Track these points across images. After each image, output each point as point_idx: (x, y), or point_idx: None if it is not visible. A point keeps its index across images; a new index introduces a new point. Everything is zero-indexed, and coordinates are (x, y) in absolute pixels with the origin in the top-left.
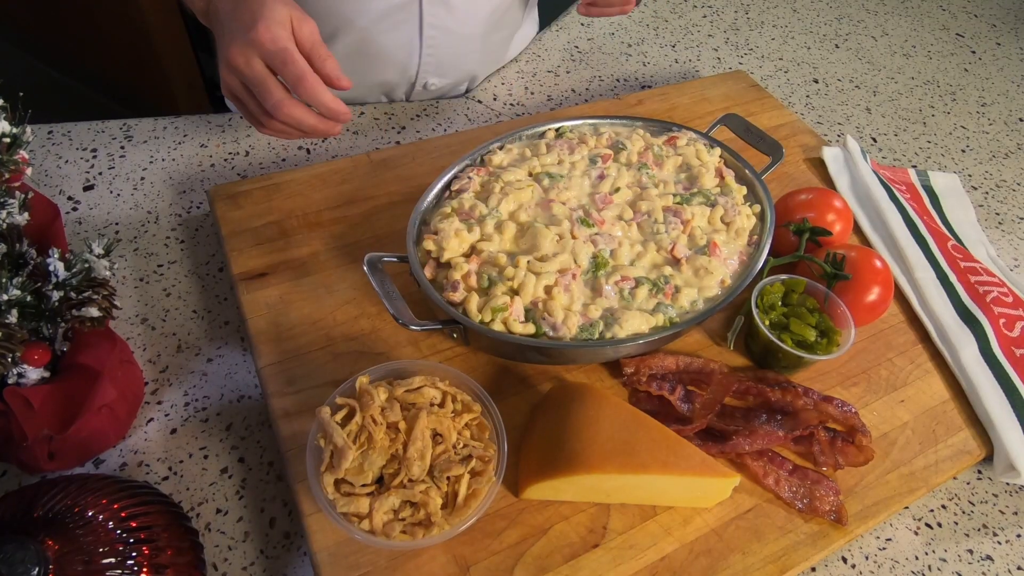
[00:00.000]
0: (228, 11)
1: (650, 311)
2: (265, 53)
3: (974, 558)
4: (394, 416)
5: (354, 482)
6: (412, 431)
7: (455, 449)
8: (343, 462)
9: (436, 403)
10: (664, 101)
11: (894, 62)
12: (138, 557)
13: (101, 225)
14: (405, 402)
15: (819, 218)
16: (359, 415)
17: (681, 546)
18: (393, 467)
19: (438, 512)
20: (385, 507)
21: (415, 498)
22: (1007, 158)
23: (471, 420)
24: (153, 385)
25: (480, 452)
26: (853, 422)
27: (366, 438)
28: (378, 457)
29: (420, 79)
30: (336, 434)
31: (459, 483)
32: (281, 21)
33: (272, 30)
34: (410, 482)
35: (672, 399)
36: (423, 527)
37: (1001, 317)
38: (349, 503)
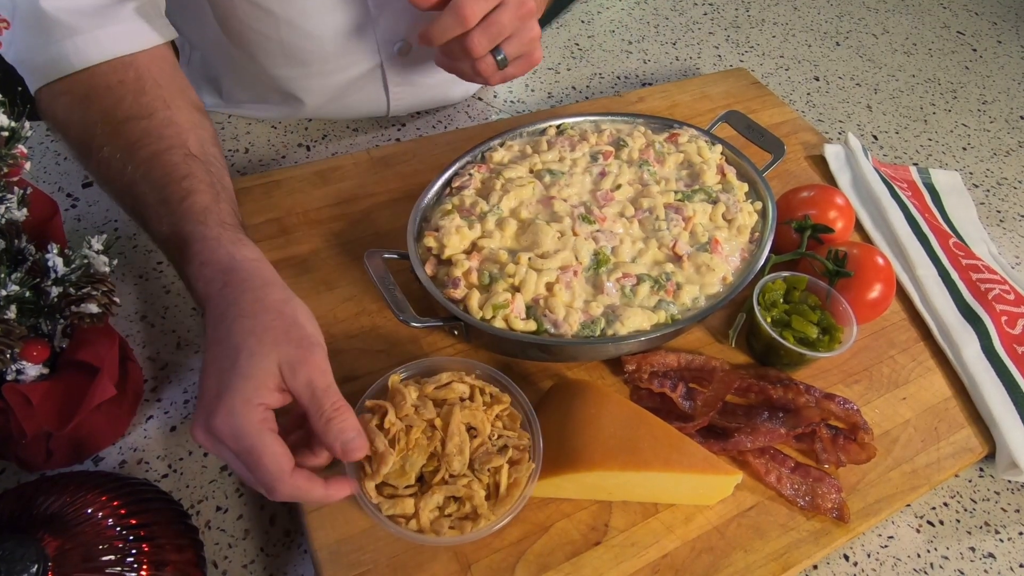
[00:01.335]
0: (210, 342)
1: (652, 308)
2: (228, 448)
3: (976, 556)
4: (429, 414)
5: (396, 484)
6: (448, 427)
7: (491, 441)
8: (383, 467)
9: (466, 397)
10: (665, 98)
11: (895, 60)
12: (138, 555)
13: (100, 223)
14: (436, 399)
15: (821, 215)
16: (392, 415)
17: (683, 544)
18: (433, 465)
19: (484, 504)
20: (431, 505)
21: (459, 493)
22: (1008, 156)
23: (502, 411)
24: (152, 382)
25: (515, 441)
26: (855, 419)
27: (405, 440)
28: (418, 457)
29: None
30: (377, 439)
31: (499, 473)
32: (251, 398)
33: (233, 421)
34: (451, 478)
35: (674, 396)
36: (470, 520)
37: (1003, 314)
38: (394, 505)
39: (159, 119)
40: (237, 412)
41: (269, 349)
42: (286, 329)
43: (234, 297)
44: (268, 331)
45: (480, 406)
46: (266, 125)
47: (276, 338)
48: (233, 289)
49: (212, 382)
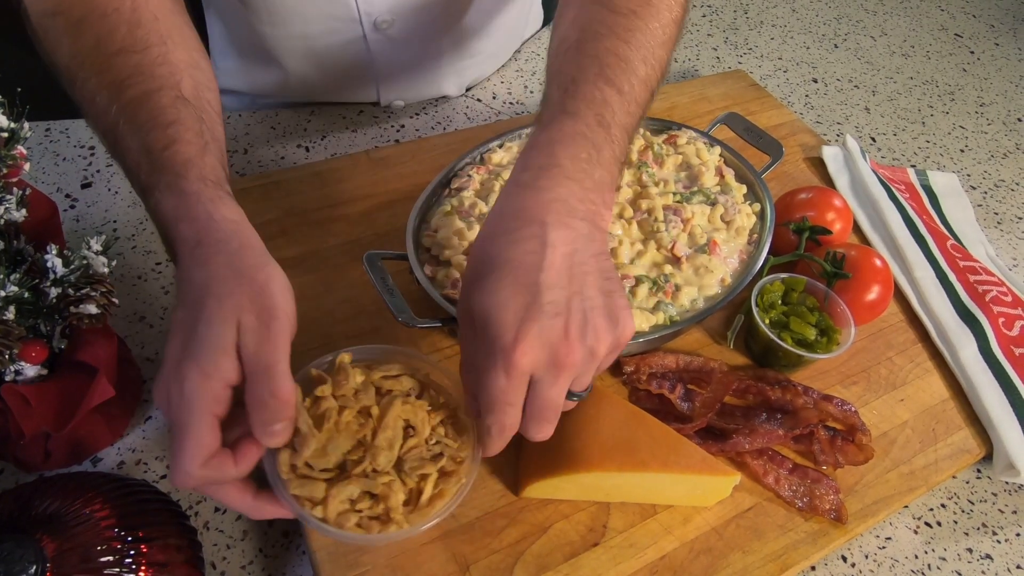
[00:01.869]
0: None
1: (650, 309)
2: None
3: (973, 557)
4: (367, 400)
5: (314, 464)
6: (384, 418)
7: (427, 444)
8: (304, 449)
9: (414, 393)
10: (663, 100)
11: (893, 62)
12: (136, 556)
13: (99, 223)
14: (381, 388)
15: (819, 217)
16: (329, 391)
17: (681, 545)
18: (358, 454)
19: (399, 508)
20: (343, 495)
21: (376, 489)
22: (1005, 158)
23: (447, 417)
24: (151, 383)
25: (453, 451)
26: (853, 421)
27: (334, 420)
28: (344, 441)
29: (383, 99)
30: (301, 419)
31: (426, 481)
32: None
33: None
34: (374, 472)
35: (672, 398)
36: (380, 522)
37: (1000, 316)
38: (304, 485)
39: (153, 55)
40: (190, 382)
41: (229, 315)
42: (252, 297)
43: (205, 258)
44: (232, 296)
45: (425, 406)
46: (265, 126)
47: (239, 304)
48: (205, 250)
49: (175, 347)
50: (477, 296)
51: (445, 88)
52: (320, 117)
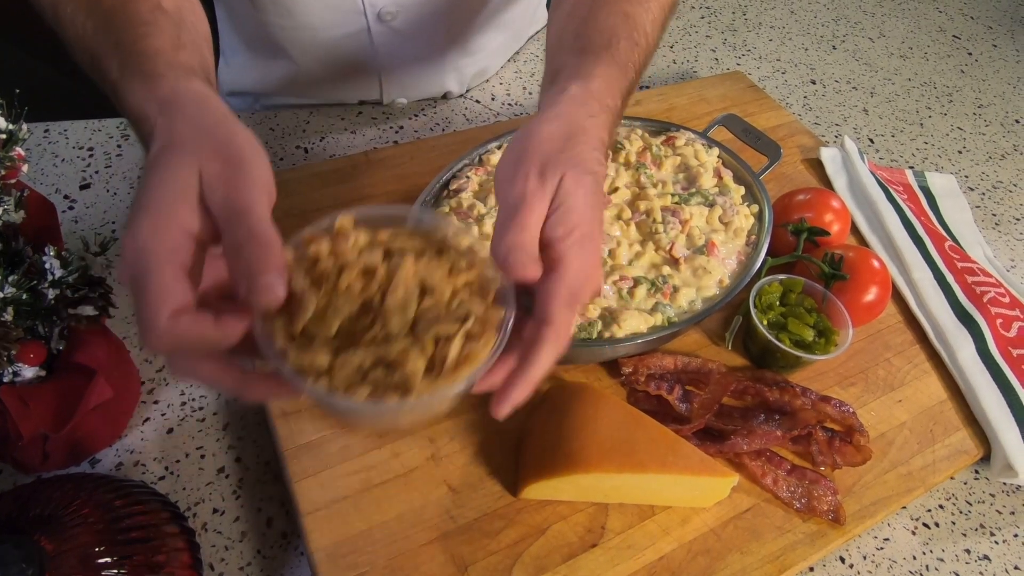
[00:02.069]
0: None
1: (648, 311)
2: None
3: (971, 558)
4: (374, 259)
5: (314, 332)
6: (394, 278)
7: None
8: (301, 312)
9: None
10: (662, 101)
11: (891, 63)
12: (134, 557)
13: (98, 224)
14: (391, 248)
15: (817, 218)
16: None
17: (679, 546)
18: (366, 319)
19: (419, 374)
20: (352, 364)
21: (391, 355)
22: (1003, 159)
23: (472, 279)
24: (149, 384)
25: (481, 313)
26: (851, 422)
27: (334, 281)
28: (346, 304)
29: (386, 97)
30: (296, 279)
31: (449, 345)
32: (165, 218)
33: (139, 239)
34: (385, 339)
35: (670, 399)
36: (398, 391)
37: (998, 317)
38: (304, 353)
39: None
40: (144, 230)
41: (190, 160)
42: (215, 147)
43: (168, 124)
44: (191, 147)
45: (444, 266)
46: (264, 127)
47: (199, 150)
48: (168, 118)
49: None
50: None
51: (448, 84)
52: (319, 118)
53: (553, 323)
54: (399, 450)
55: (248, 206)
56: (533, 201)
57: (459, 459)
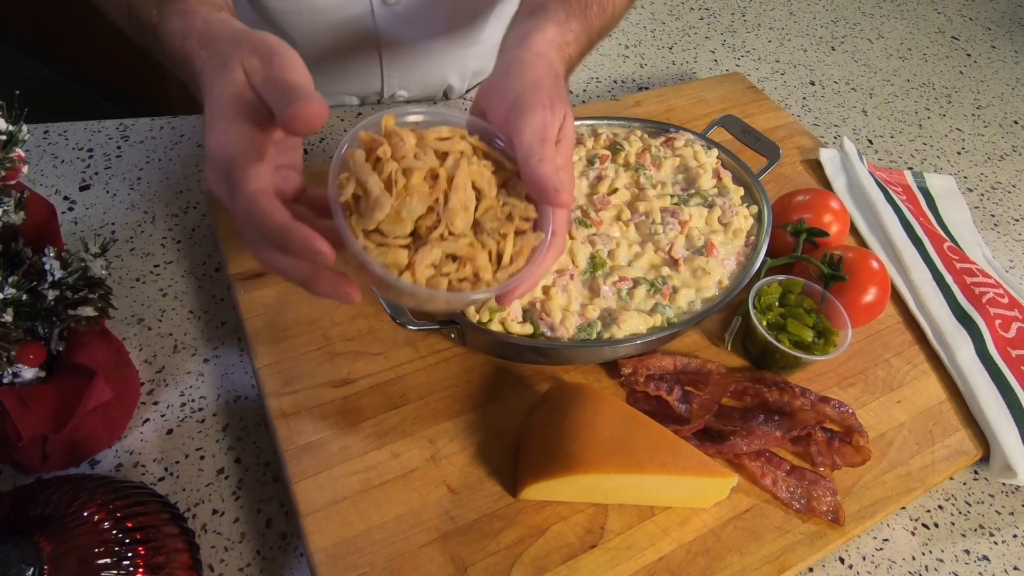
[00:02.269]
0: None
1: (648, 311)
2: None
3: (971, 558)
4: (431, 162)
5: (388, 232)
6: (453, 180)
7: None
8: (377, 212)
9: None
10: (661, 102)
11: (890, 64)
12: (134, 558)
13: (97, 225)
14: (438, 150)
15: (816, 219)
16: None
17: (679, 546)
18: (431, 219)
19: (488, 267)
20: (428, 260)
21: (461, 252)
22: (1002, 160)
23: (507, 179)
24: (149, 386)
25: (522, 211)
26: (850, 422)
27: (404, 183)
28: (417, 204)
29: (386, 91)
30: (371, 180)
31: (506, 241)
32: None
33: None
34: (451, 235)
35: (670, 399)
36: (470, 283)
37: (997, 318)
38: (384, 254)
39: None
40: (220, 130)
41: (232, 65)
42: (250, 47)
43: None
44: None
45: (489, 166)
46: None
47: (238, 55)
48: (208, 50)
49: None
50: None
51: (449, 77)
52: None
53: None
54: (398, 451)
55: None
56: (552, 133)
57: (458, 460)
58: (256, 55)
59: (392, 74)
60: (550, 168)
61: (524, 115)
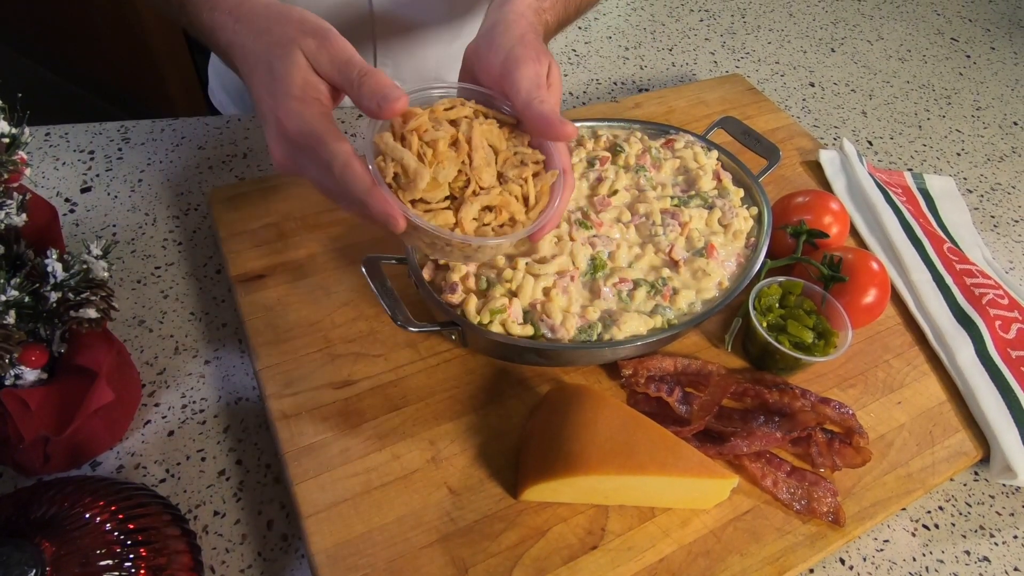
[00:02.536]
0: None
1: (648, 313)
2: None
3: (971, 559)
4: (449, 130)
5: (431, 199)
6: (471, 140)
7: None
8: (420, 182)
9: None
10: (661, 104)
11: (889, 66)
12: (136, 559)
13: (98, 227)
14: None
15: (816, 220)
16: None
17: (679, 548)
18: (461, 180)
19: (521, 209)
20: (470, 214)
21: (495, 201)
22: (1002, 161)
23: (510, 133)
24: (150, 387)
25: (531, 156)
26: (850, 424)
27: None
28: (450, 168)
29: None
30: (406, 156)
31: (528, 184)
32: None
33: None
34: (482, 190)
35: (670, 401)
36: (509, 227)
37: (997, 319)
38: (434, 217)
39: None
40: (295, 111)
41: (291, 48)
42: (300, 27)
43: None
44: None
45: (494, 123)
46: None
47: (292, 37)
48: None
49: (266, 104)
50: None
51: (442, 69)
52: None
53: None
54: (399, 452)
55: (350, 55)
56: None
57: (459, 461)
58: (311, 36)
59: (385, 63)
60: (550, 107)
61: (518, 67)
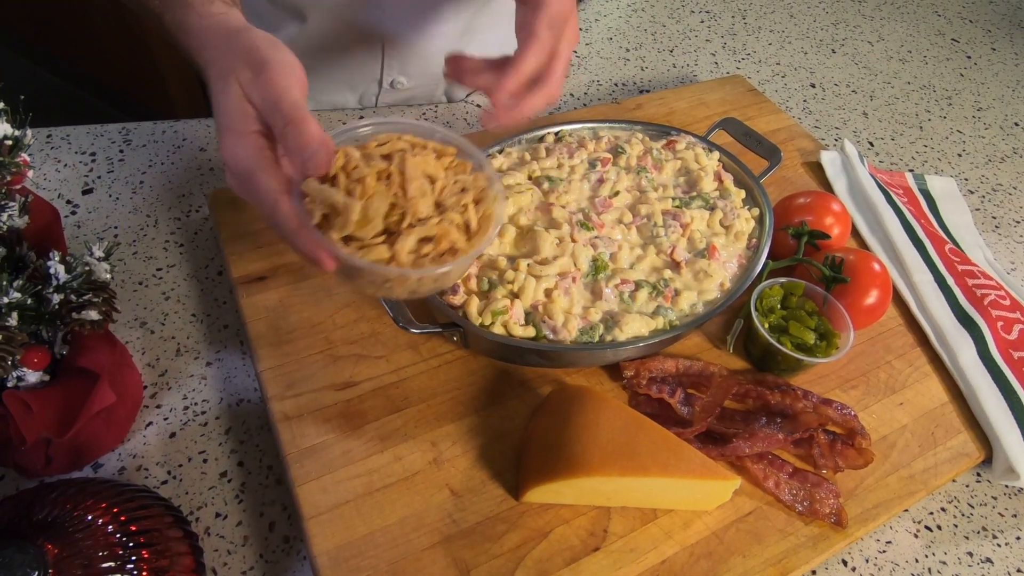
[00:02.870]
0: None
1: (650, 314)
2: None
3: (974, 561)
4: (379, 164)
5: (363, 235)
6: (404, 172)
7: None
8: (350, 215)
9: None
10: (662, 105)
11: (890, 67)
12: (137, 561)
13: (100, 229)
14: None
15: (817, 221)
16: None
17: (681, 549)
18: (396, 215)
19: (461, 238)
20: (407, 247)
21: (432, 232)
22: (1003, 162)
23: (450, 162)
24: (152, 389)
25: (472, 183)
26: (852, 425)
27: (360, 189)
28: (380, 203)
29: (386, 76)
30: (333, 194)
31: (468, 210)
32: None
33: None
34: (419, 222)
35: (672, 402)
36: (450, 256)
37: (999, 320)
38: (367, 253)
39: None
40: (230, 144)
41: (229, 79)
42: (242, 57)
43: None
44: (226, 65)
45: (431, 153)
46: None
47: (231, 67)
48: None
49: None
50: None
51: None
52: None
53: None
54: (401, 454)
55: (278, 97)
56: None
57: (461, 463)
58: (248, 69)
59: (392, 63)
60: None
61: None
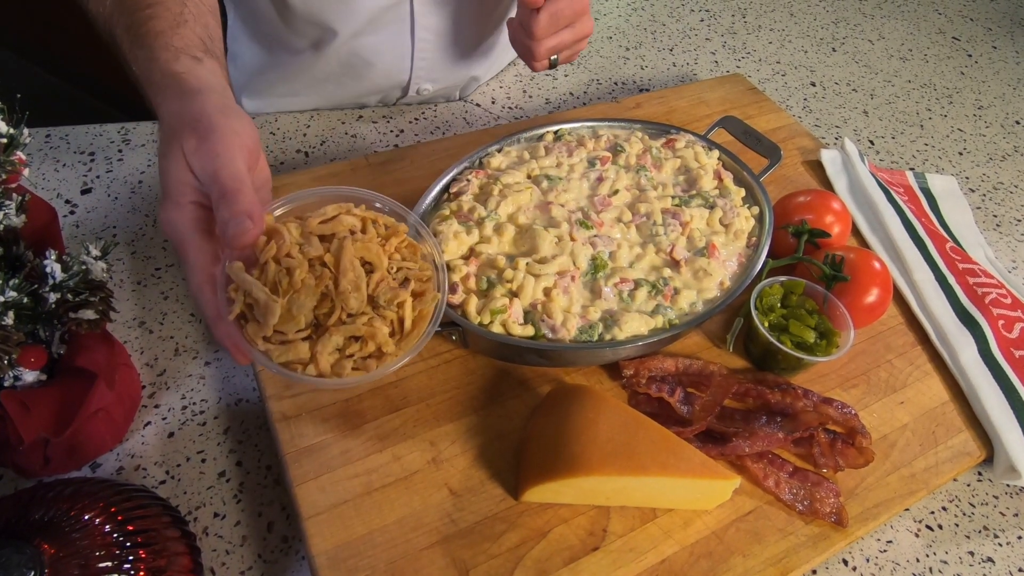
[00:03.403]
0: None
1: (649, 313)
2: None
3: (975, 560)
4: (315, 251)
5: (285, 331)
6: (340, 263)
7: (391, 275)
8: (270, 317)
9: (357, 230)
10: (662, 104)
11: (891, 65)
12: (135, 561)
13: (99, 229)
14: (323, 234)
15: (817, 220)
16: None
17: (681, 549)
18: (326, 306)
19: (388, 341)
20: (329, 347)
21: (360, 332)
22: (1004, 160)
23: (400, 243)
24: (150, 388)
25: (417, 273)
26: (853, 424)
27: (287, 282)
28: (307, 299)
29: (413, 85)
30: (255, 288)
31: (403, 308)
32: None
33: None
34: (349, 317)
35: (672, 401)
36: (375, 359)
37: (1000, 319)
38: (287, 351)
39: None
40: (165, 213)
41: (173, 145)
42: (190, 124)
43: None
44: (173, 130)
45: (374, 238)
46: (264, 132)
47: (178, 133)
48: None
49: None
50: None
51: (474, 68)
52: (319, 122)
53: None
54: (400, 454)
55: (215, 169)
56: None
57: (460, 462)
58: (193, 137)
59: (420, 65)
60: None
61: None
